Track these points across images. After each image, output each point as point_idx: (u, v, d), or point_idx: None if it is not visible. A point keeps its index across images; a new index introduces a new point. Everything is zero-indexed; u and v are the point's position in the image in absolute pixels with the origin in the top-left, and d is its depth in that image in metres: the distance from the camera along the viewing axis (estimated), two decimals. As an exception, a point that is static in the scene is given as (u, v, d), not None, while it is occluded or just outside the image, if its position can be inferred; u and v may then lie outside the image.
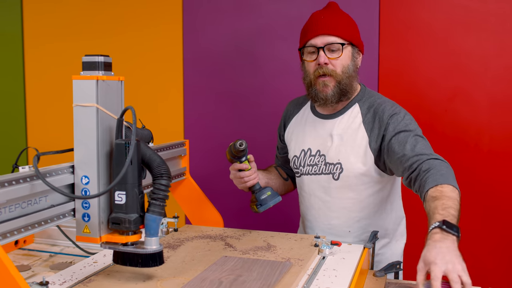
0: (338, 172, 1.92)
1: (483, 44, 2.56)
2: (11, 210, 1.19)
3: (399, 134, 1.82)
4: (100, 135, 1.33)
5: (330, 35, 1.87)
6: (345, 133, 1.93)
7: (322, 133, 1.98)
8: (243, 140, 1.80)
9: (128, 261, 1.40)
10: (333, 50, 1.88)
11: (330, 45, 1.87)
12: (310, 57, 1.91)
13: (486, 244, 2.63)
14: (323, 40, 1.87)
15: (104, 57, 1.34)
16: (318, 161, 1.96)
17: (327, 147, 1.95)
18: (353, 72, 1.92)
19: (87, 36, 3.13)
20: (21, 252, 2.01)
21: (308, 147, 2.00)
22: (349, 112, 1.95)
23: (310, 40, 1.89)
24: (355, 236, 1.98)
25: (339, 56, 1.88)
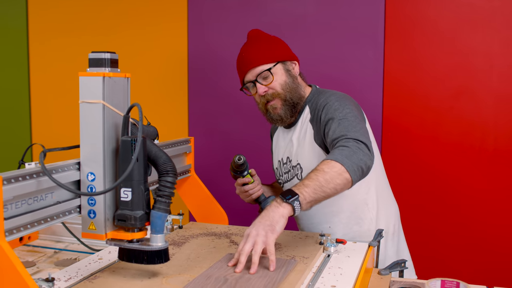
0: (299, 172, 2.00)
1: (488, 42, 2.55)
2: (17, 206, 1.19)
3: (327, 124, 1.85)
4: (106, 132, 1.32)
5: (255, 67, 1.96)
6: (299, 135, 2.02)
7: (287, 140, 2.09)
8: (241, 155, 1.92)
9: (133, 258, 1.40)
10: (265, 77, 1.96)
11: (259, 74, 1.95)
12: (253, 90, 2.01)
13: (491, 243, 2.62)
14: (252, 73, 1.97)
15: (111, 53, 1.34)
16: (289, 167, 2.06)
17: (291, 152, 2.05)
18: (293, 83, 1.99)
19: (92, 32, 3.13)
20: (25, 248, 2.01)
21: (281, 156, 2.11)
22: (302, 116, 2.04)
23: (244, 78, 2.01)
24: (341, 229, 2.01)
25: (272, 80, 1.95)
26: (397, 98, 2.64)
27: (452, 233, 2.67)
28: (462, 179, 2.63)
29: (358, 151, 1.67)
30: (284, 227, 1.50)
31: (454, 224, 2.66)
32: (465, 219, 2.65)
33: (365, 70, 2.67)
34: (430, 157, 2.63)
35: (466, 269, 2.63)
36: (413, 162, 2.65)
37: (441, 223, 2.67)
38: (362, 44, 2.67)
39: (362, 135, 1.74)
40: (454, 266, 2.65)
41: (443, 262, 2.68)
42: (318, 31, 2.75)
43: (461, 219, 2.65)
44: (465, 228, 2.65)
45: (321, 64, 2.72)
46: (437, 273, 1.94)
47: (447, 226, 2.67)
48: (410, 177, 2.66)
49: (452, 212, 2.65)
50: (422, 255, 2.65)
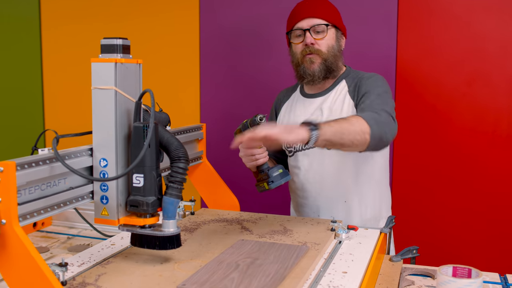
0: None
1: (503, 27, 2.52)
2: (30, 191, 1.20)
3: (365, 95, 1.93)
4: (118, 118, 1.33)
5: (314, 18, 2.00)
6: (333, 105, 2.03)
7: (312, 109, 2.07)
8: (264, 115, 1.78)
9: (145, 243, 1.41)
10: (318, 32, 2.00)
11: (315, 26, 1.99)
12: (297, 40, 2.04)
13: (504, 230, 2.61)
14: (308, 22, 2.00)
15: (123, 39, 1.34)
16: None
17: (317, 120, 1.95)
18: (337, 52, 2.05)
19: (104, 19, 3.13)
20: (39, 234, 2.03)
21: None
22: (336, 88, 2.06)
23: (297, 23, 2.02)
24: (350, 207, 2.04)
25: (324, 36, 2.01)
26: (410, 84, 2.62)
27: (464, 220, 2.66)
28: (476, 165, 2.61)
29: (388, 124, 1.78)
30: (294, 142, 1.51)
31: (465, 211, 2.65)
32: (477, 206, 2.64)
33: (378, 56, 2.65)
34: (443, 143, 2.62)
35: (478, 257, 2.62)
36: (426, 148, 2.63)
37: (453, 210, 2.66)
38: (375, 30, 2.65)
39: (394, 114, 1.86)
40: (466, 253, 2.65)
41: (455, 250, 2.67)
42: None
43: (473, 206, 2.64)
44: (478, 215, 2.64)
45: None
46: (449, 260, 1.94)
47: (460, 213, 2.66)
48: (423, 163, 2.65)
49: (464, 199, 2.64)
50: (434, 242, 2.65)
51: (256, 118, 1.78)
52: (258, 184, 1.88)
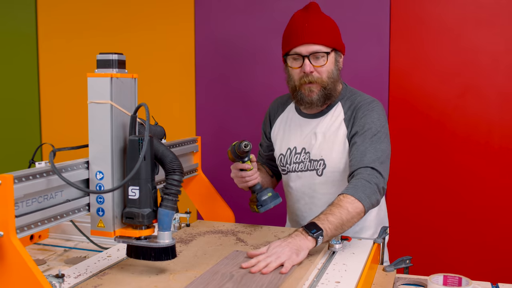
0: (321, 168, 1.98)
1: (494, 40, 2.55)
2: (28, 204, 1.22)
3: (356, 136, 1.89)
4: (114, 132, 1.35)
5: (314, 44, 1.89)
6: (327, 130, 1.98)
7: (307, 131, 2.03)
8: (249, 142, 1.84)
9: (141, 254, 1.43)
10: (317, 58, 1.90)
11: (314, 53, 1.89)
12: (295, 64, 1.94)
13: (497, 239, 2.63)
14: (307, 48, 1.89)
15: (118, 55, 1.37)
16: (304, 159, 2.02)
17: (312, 144, 2.00)
18: (336, 76, 1.96)
19: (100, 33, 3.16)
20: (36, 247, 2.04)
21: (294, 145, 2.05)
22: (332, 111, 2.01)
23: (295, 48, 1.91)
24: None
25: (324, 63, 1.91)
26: (403, 96, 2.65)
27: (456, 230, 2.68)
28: (468, 177, 2.64)
29: (377, 190, 1.77)
30: (304, 258, 1.53)
31: (458, 221, 2.67)
32: (470, 216, 2.66)
33: (371, 68, 2.68)
34: (435, 154, 2.64)
35: (469, 266, 2.64)
36: (419, 159, 2.66)
37: (445, 220, 2.68)
38: (367, 42, 2.68)
39: (385, 162, 1.86)
40: (457, 262, 2.67)
41: (446, 259, 2.69)
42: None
43: (466, 216, 2.66)
44: (470, 225, 2.66)
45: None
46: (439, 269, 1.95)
47: (452, 223, 2.68)
48: (415, 174, 2.67)
49: (457, 209, 2.66)
50: (425, 252, 2.67)
51: (241, 145, 1.84)
52: (250, 204, 1.91)
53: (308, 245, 1.55)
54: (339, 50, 1.98)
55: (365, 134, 1.88)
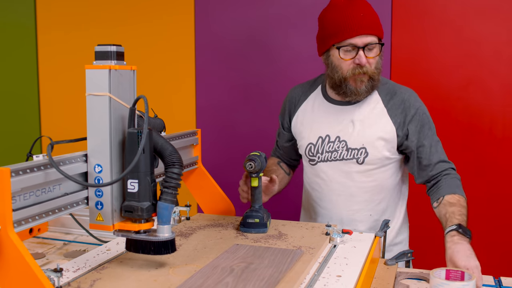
0: (363, 156, 1.95)
1: (496, 31, 2.54)
2: (25, 198, 1.21)
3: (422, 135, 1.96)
4: (112, 124, 1.34)
5: (369, 35, 1.87)
6: (367, 118, 1.96)
7: (341, 119, 1.99)
8: (255, 161, 1.75)
9: (140, 248, 1.41)
10: (370, 49, 1.89)
11: (369, 44, 1.87)
12: (347, 55, 1.89)
13: (499, 232, 2.62)
14: (363, 40, 1.86)
15: (117, 46, 1.35)
16: (338, 147, 1.98)
17: (348, 132, 1.97)
18: (381, 67, 1.96)
19: (99, 25, 3.14)
20: (35, 240, 2.04)
21: (326, 133, 2.01)
22: (368, 98, 1.98)
23: (349, 39, 1.86)
24: (375, 220, 2.03)
25: (377, 55, 1.90)
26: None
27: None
28: (471, 168, 2.63)
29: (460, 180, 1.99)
30: None
31: (461, 214, 2.66)
32: (472, 208, 2.64)
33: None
34: (437, 148, 2.63)
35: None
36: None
37: (448, 214, 2.67)
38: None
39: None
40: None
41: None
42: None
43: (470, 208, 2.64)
44: (473, 217, 2.65)
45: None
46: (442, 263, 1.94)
47: (455, 217, 2.66)
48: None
49: (460, 203, 2.65)
50: (427, 246, 2.65)
51: (245, 164, 1.76)
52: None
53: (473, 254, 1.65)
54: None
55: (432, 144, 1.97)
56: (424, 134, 1.96)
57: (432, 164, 1.95)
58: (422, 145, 1.95)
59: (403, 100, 1.97)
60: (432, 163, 1.95)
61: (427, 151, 1.95)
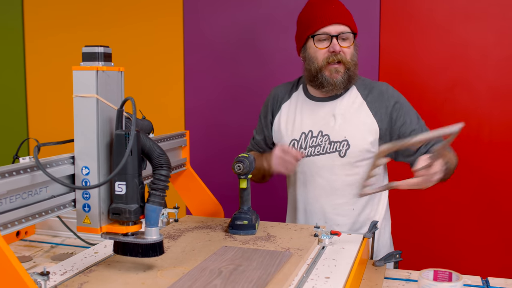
0: (344, 149, 1.98)
1: (483, 34, 2.55)
2: (11, 200, 1.20)
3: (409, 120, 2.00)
4: (100, 126, 1.33)
5: (342, 24, 1.95)
6: (347, 112, 2.01)
7: (323, 114, 2.04)
8: (242, 164, 1.77)
9: (128, 251, 1.40)
10: (344, 39, 1.97)
11: (342, 34, 1.95)
12: (322, 45, 1.97)
13: (486, 233, 2.63)
14: (336, 28, 1.94)
15: (104, 47, 1.34)
16: (321, 141, 2.01)
17: (330, 126, 2.01)
18: (356, 59, 2.01)
19: (87, 27, 3.13)
20: (22, 243, 2.02)
21: (309, 129, 2.05)
22: (348, 93, 2.04)
23: (323, 28, 1.95)
24: (357, 214, 2.04)
25: (350, 45, 1.97)
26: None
27: (445, 225, 2.68)
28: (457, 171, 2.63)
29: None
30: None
31: (449, 214, 2.67)
32: (460, 210, 2.66)
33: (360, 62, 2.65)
34: (425, 149, 2.64)
35: (459, 261, 2.64)
36: (409, 154, 2.65)
37: (434, 215, 2.68)
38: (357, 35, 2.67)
39: None
40: (447, 257, 2.67)
41: (436, 254, 2.69)
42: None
43: (455, 210, 2.66)
44: (461, 218, 2.66)
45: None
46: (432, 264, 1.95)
47: (441, 217, 2.68)
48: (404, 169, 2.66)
49: (447, 204, 2.66)
50: (414, 247, 2.67)
51: (234, 166, 1.78)
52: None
53: None
54: (356, 35, 2.03)
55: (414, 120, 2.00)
56: (411, 119, 2.00)
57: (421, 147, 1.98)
58: (413, 130, 1.98)
59: (381, 92, 2.02)
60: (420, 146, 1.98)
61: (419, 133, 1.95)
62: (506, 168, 2.59)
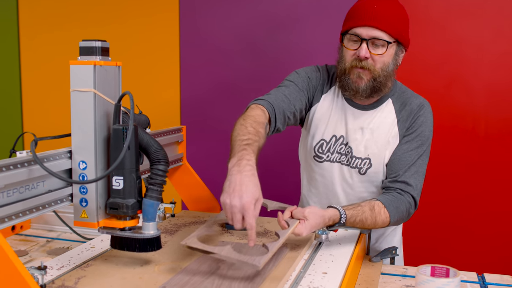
0: (365, 167, 1.86)
1: (479, 31, 2.56)
2: (9, 195, 1.20)
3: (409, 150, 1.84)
4: (97, 120, 1.32)
5: (378, 29, 1.74)
6: (377, 128, 1.86)
7: (352, 124, 1.88)
8: None
9: (125, 246, 1.40)
10: (377, 45, 1.76)
11: (375, 39, 1.75)
12: (351, 46, 1.79)
13: (482, 229, 2.64)
14: (369, 32, 1.74)
15: (102, 42, 1.33)
16: (347, 152, 1.89)
17: (356, 139, 1.87)
18: (391, 71, 1.82)
19: (83, 24, 3.12)
20: (18, 237, 2.01)
21: (341, 134, 1.90)
22: (382, 107, 1.88)
23: (355, 28, 1.76)
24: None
25: (383, 53, 1.76)
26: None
27: (442, 221, 2.68)
28: (453, 167, 2.64)
29: (406, 212, 1.78)
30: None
31: (444, 211, 2.68)
32: (456, 206, 2.67)
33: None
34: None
35: (455, 257, 2.65)
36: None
37: (431, 210, 2.69)
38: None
39: (421, 186, 1.84)
40: (443, 253, 2.68)
41: (433, 250, 2.70)
42: (312, 19, 2.74)
43: (452, 206, 2.67)
44: (456, 215, 2.67)
45: (314, 51, 2.72)
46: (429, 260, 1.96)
47: (437, 214, 2.68)
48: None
49: (443, 200, 2.67)
50: (412, 243, 2.67)
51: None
52: None
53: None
54: (403, 44, 1.83)
55: (415, 151, 1.83)
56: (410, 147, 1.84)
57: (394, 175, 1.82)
58: (398, 158, 1.83)
59: (411, 111, 1.87)
60: (395, 174, 1.82)
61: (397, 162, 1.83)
62: (502, 164, 2.60)
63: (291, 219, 1.54)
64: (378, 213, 1.70)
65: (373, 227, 1.72)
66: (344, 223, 1.62)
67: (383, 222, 1.72)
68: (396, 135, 1.86)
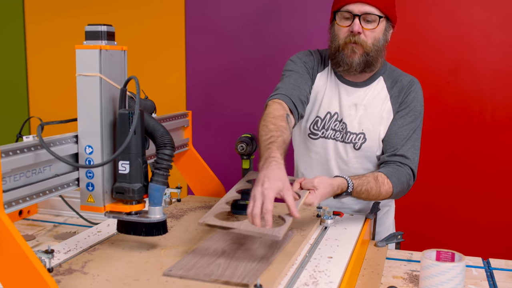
0: (360, 142, 1.90)
1: (487, 15, 2.54)
2: (16, 179, 1.20)
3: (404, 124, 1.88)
4: (103, 105, 1.32)
5: (368, 4, 1.80)
6: (370, 104, 1.91)
7: (346, 100, 1.93)
8: (245, 144, 1.78)
9: (132, 230, 1.41)
10: (368, 21, 1.81)
11: (367, 15, 1.80)
12: (344, 23, 1.84)
13: (487, 214, 2.64)
14: (360, 8, 1.80)
15: (107, 26, 1.33)
16: (341, 128, 1.92)
17: (350, 115, 1.91)
18: (382, 46, 1.88)
19: (89, 9, 3.11)
20: (25, 222, 2.02)
21: (335, 111, 1.94)
22: (374, 84, 1.94)
23: (347, 5, 1.81)
24: (362, 204, 1.98)
25: (374, 28, 1.82)
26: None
27: (448, 206, 2.68)
28: (459, 153, 2.64)
29: (407, 183, 1.83)
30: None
31: (450, 196, 2.68)
32: (462, 191, 2.66)
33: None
34: (428, 130, 2.62)
35: (461, 242, 2.65)
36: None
37: (437, 196, 2.69)
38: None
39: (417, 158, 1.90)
40: (449, 238, 2.68)
41: (439, 235, 2.70)
42: (315, 3, 2.73)
43: (458, 191, 2.67)
44: (462, 201, 2.67)
45: (318, 37, 2.71)
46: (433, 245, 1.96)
47: (443, 199, 2.68)
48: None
49: (449, 185, 2.67)
50: (417, 228, 2.67)
51: (237, 146, 1.79)
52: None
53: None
54: (391, 20, 1.89)
55: (408, 125, 1.88)
56: (404, 122, 1.89)
57: (392, 149, 1.87)
58: (394, 133, 1.88)
59: (402, 87, 1.92)
60: (393, 149, 1.87)
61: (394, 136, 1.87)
62: (509, 148, 2.59)
63: (301, 190, 1.56)
64: (382, 183, 1.75)
65: (377, 198, 1.76)
66: (351, 192, 1.66)
67: (387, 192, 1.76)
68: (390, 110, 1.91)
